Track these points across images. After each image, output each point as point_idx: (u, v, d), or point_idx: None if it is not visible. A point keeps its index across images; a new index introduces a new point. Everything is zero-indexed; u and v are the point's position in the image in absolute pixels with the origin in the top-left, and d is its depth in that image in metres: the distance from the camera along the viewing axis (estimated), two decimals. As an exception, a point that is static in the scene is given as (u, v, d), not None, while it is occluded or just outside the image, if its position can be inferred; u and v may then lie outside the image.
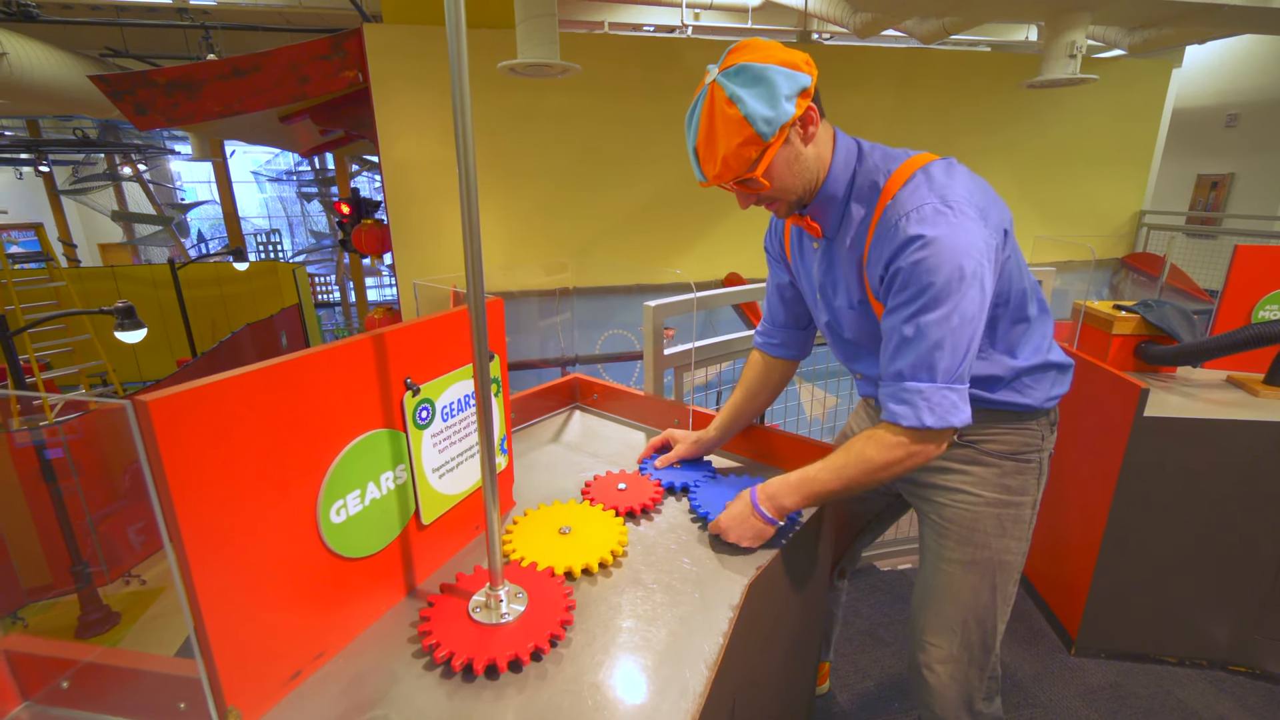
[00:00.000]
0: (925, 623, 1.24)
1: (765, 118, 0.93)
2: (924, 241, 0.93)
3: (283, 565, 0.75)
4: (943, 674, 1.23)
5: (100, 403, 4.90)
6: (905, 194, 0.98)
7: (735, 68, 0.93)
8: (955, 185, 0.97)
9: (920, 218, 0.94)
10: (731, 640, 0.89)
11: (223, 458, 0.67)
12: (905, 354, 0.98)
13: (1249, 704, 1.83)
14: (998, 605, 1.20)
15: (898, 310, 0.98)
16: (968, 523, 1.17)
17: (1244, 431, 1.73)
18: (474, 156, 0.74)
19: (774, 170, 1.00)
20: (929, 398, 0.97)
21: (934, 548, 1.23)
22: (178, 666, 0.72)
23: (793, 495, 1.07)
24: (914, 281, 0.94)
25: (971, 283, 0.93)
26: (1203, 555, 1.86)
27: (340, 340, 0.80)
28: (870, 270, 1.03)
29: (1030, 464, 1.17)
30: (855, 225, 1.05)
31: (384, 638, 0.88)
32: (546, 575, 0.97)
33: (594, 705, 0.77)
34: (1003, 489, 1.16)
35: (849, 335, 1.17)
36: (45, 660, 0.73)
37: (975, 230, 0.94)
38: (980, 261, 0.94)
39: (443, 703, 0.77)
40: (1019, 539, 1.18)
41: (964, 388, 0.99)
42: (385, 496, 0.89)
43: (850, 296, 1.11)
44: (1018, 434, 1.16)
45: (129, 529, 4.76)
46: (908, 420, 0.98)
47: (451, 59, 0.70)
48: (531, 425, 1.61)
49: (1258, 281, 2.03)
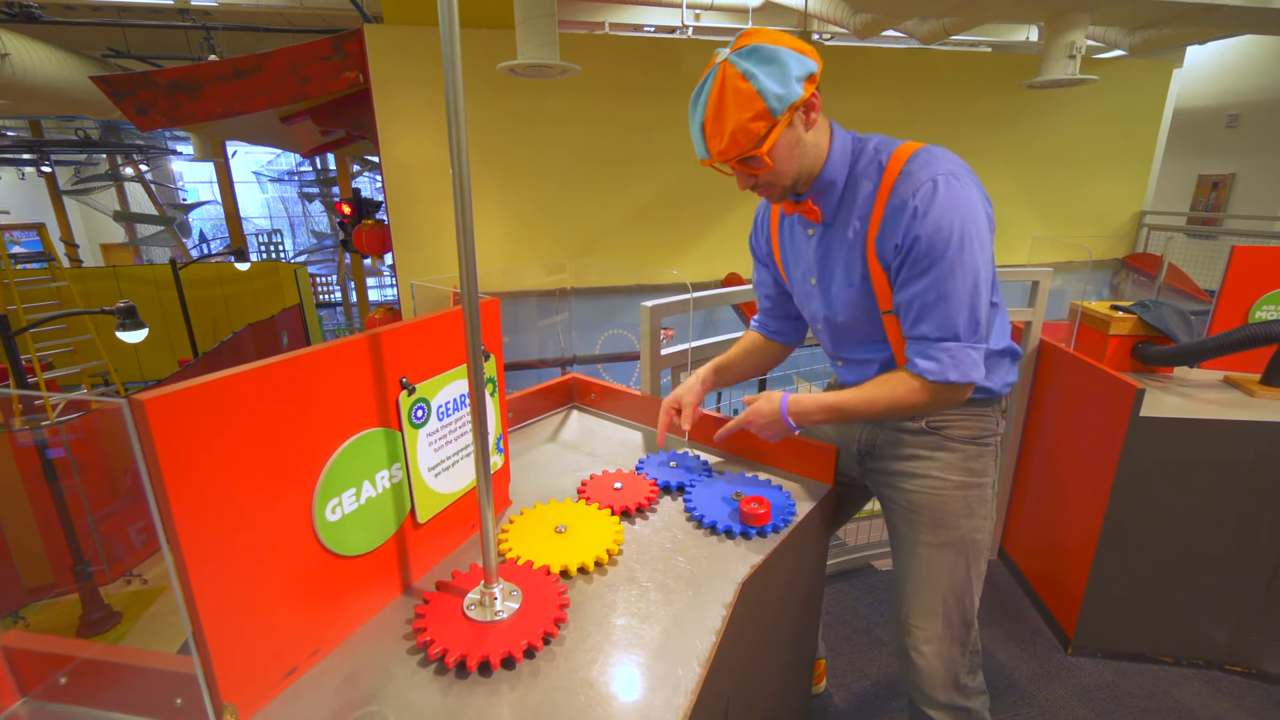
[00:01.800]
0: (909, 607, 1.28)
1: (777, 94, 0.97)
2: (941, 210, 0.99)
3: (278, 563, 0.76)
4: (929, 654, 1.27)
5: (101, 402, 4.91)
6: (915, 167, 1.03)
7: (748, 48, 0.97)
8: (958, 161, 1.06)
9: (935, 188, 1.00)
10: (724, 638, 0.89)
11: (219, 456, 0.67)
12: (930, 317, 1.05)
13: (1246, 704, 1.83)
14: (973, 582, 1.26)
15: (919, 277, 1.04)
16: (937, 506, 1.23)
17: (1240, 432, 1.74)
18: (467, 159, 0.74)
19: (777, 150, 1.03)
20: (954, 354, 1.05)
21: (908, 534, 1.28)
22: (174, 663, 0.72)
23: (820, 413, 1.17)
24: (935, 248, 1.00)
25: (983, 249, 1.02)
26: (1199, 555, 1.86)
27: (336, 339, 0.81)
28: (881, 244, 1.07)
29: (988, 447, 1.24)
30: (860, 202, 1.10)
31: (379, 635, 0.88)
32: (542, 574, 0.98)
33: (587, 702, 0.78)
34: (967, 471, 1.23)
35: (843, 318, 1.21)
36: (43, 657, 0.74)
37: (980, 201, 1.03)
38: (987, 229, 1.03)
39: (437, 699, 0.78)
40: (985, 518, 1.25)
41: (985, 346, 1.08)
42: (381, 495, 0.89)
43: (850, 275, 1.15)
44: (977, 420, 1.23)
45: (130, 528, 4.78)
46: (934, 375, 1.07)
47: (446, 61, 0.71)
48: (529, 425, 1.61)
49: (1255, 282, 2.03)
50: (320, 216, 15.67)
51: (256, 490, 0.72)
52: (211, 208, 14.75)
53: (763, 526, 1.12)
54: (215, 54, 5.88)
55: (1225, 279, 2.05)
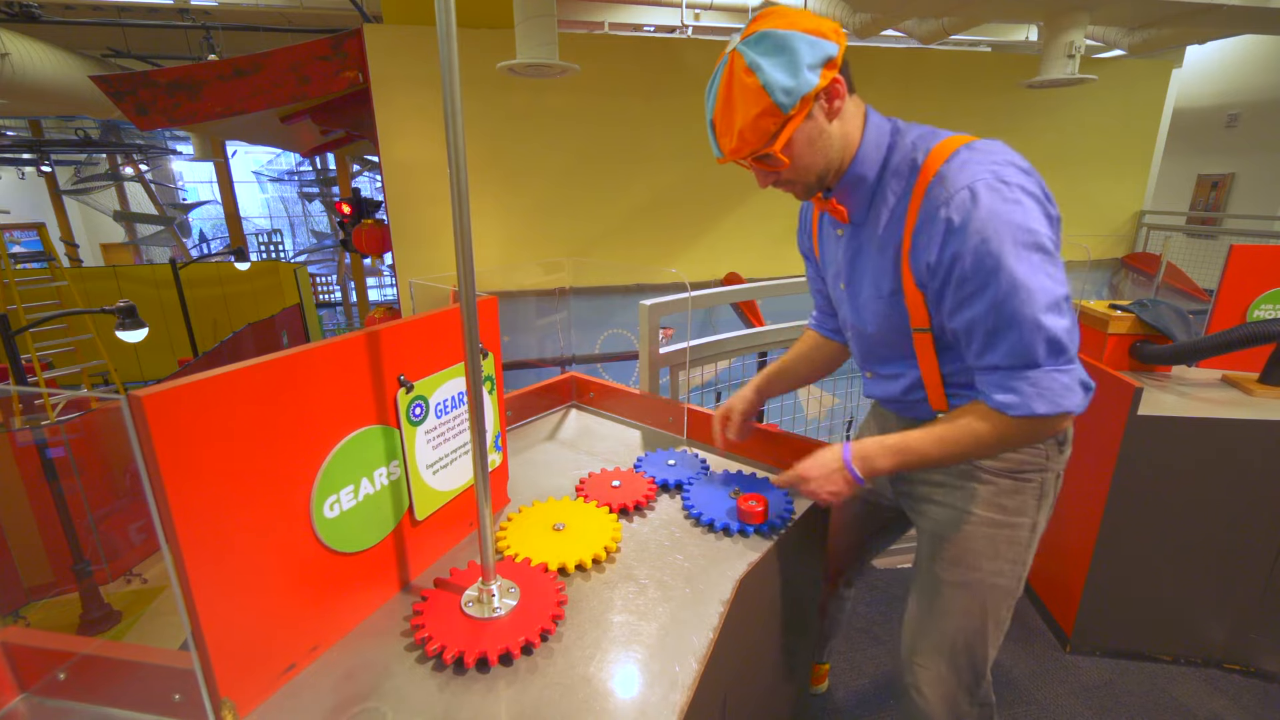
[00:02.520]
0: (914, 644, 1.20)
1: (785, 88, 0.87)
2: (983, 222, 0.85)
3: (277, 559, 0.76)
4: (931, 698, 1.18)
5: (102, 400, 4.92)
6: (952, 170, 0.90)
7: (757, 35, 0.88)
8: (1008, 158, 0.90)
9: (974, 197, 0.86)
10: (721, 634, 0.90)
11: (217, 453, 0.68)
12: (997, 346, 0.90)
13: (1243, 702, 1.83)
14: (989, 630, 1.14)
15: (971, 301, 0.90)
16: (959, 541, 1.12)
17: (1238, 430, 1.74)
18: (465, 160, 0.75)
19: (794, 147, 0.93)
20: (1037, 383, 0.89)
21: (926, 565, 1.18)
22: (172, 659, 0.73)
23: (888, 458, 1.02)
24: (983, 266, 0.86)
25: (1049, 258, 0.87)
26: (1197, 554, 1.86)
27: (335, 337, 0.81)
28: (915, 257, 0.94)
29: (1030, 483, 1.08)
30: (891, 207, 0.97)
31: (377, 631, 0.89)
32: (539, 571, 0.98)
33: (583, 698, 0.78)
34: (998, 509, 1.09)
35: (872, 329, 1.09)
36: (43, 653, 0.74)
37: (1035, 203, 0.87)
38: (1049, 234, 0.87)
39: (434, 695, 0.78)
40: (1013, 562, 1.11)
41: (1076, 367, 0.90)
42: (379, 492, 0.90)
43: (879, 287, 1.03)
44: (1018, 450, 1.06)
45: (130, 527, 4.79)
46: (1017, 410, 0.91)
47: (443, 61, 0.71)
48: (528, 423, 1.62)
49: (1253, 281, 2.03)
50: (320, 216, 15.69)
51: (255, 487, 0.72)
52: (211, 207, 14.76)
53: (760, 524, 1.12)
54: (215, 54, 5.88)
55: (1223, 278, 2.06)
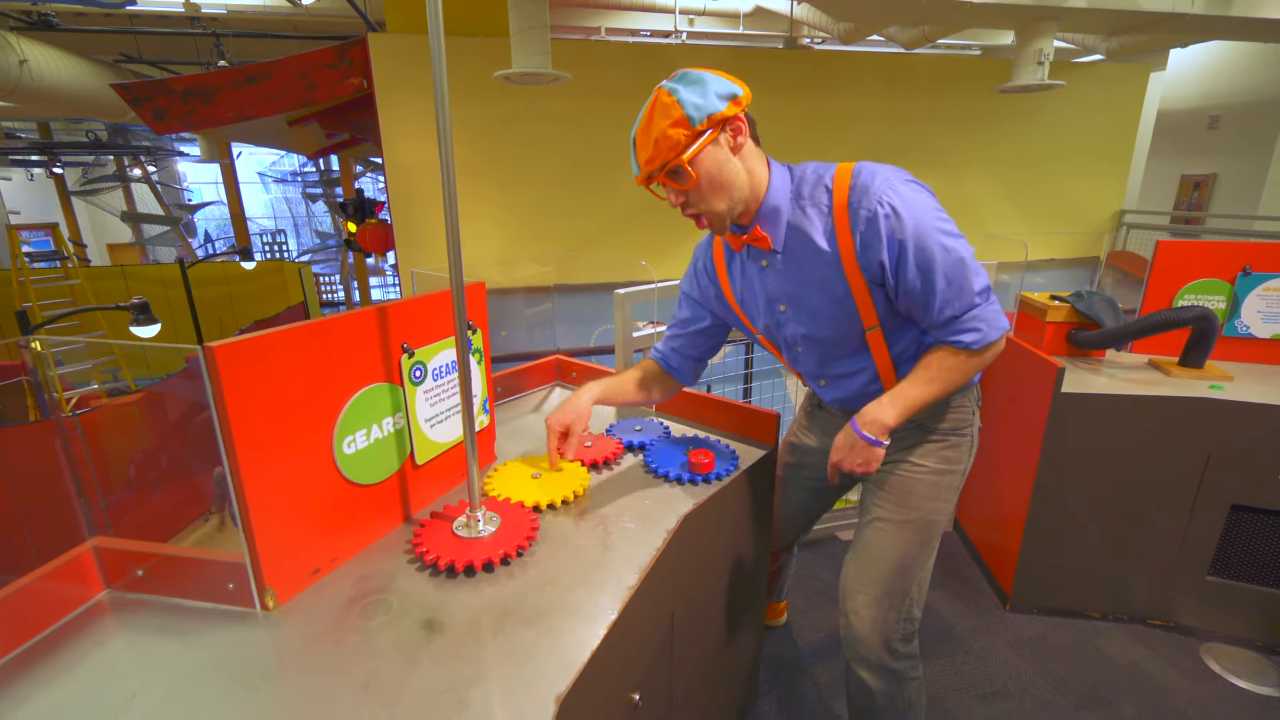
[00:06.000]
0: (855, 573, 1.38)
1: (695, 104, 1.05)
2: (912, 210, 1.09)
3: (307, 484, 0.97)
4: (866, 618, 1.35)
5: (181, 349, 5.10)
6: (865, 182, 1.11)
7: (680, 74, 1.10)
8: (894, 168, 1.14)
9: (897, 194, 1.09)
10: (663, 555, 1.10)
11: (267, 395, 0.89)
12: (953, 301, 1.12)
13: (1161, 652, 2.03)
14: (923, 559, 1.34)
15: (926, 275, 1.11)
16: (906, 486, 1.33)
17: (1150, 406, 1.94)
18: (452, 153, 0.96)
19: (702, 165, 1.09)
20: (983, 317, 1.14)
21: (871, 508, 1.38)
22: (228, 557, 0.93)
23: (892, 411, 1.19)
24: (926, 245, 1.09)
25: (952, 224, 1.12)
26: (1120, 520, 2.07)
27: (352, 310, 1.02)
28: (864, 257, 1.13)
29: (965, 438, 1.34)
30: (820, 226, 1.16)
31: (384, 550, 1.10)
32: (518, 507, 1.19)
33: (549, 595, 0.99)
34: (942, 460, 1.33)
35: (829, 332, 1.25)
36: (125, 554, 0.95)
37: (930, 194, 1.14)
38: (944, 211, 1.14)
39: (431, 592, 0.99)
40: (947, 502, 1.35)
41: (995, 297, 1.17)
42: (386, 437, 1.11)
43: (831, 291, 1.19)
44: (955, 413, 1.32)
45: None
46: (980, 342, 1.14)
47: (435, 65, 0.92)
48: (516, 399, 1.83)
49: (1178, 273, 2.23)
50: (324, 216, 15.91)
51: (293, 424, 0.94)
52: (217, 208, 15.00)
53: (707, 474, 1.33)
54: (224, 59, 6.09)
55: (1151, 270, 2.26)
